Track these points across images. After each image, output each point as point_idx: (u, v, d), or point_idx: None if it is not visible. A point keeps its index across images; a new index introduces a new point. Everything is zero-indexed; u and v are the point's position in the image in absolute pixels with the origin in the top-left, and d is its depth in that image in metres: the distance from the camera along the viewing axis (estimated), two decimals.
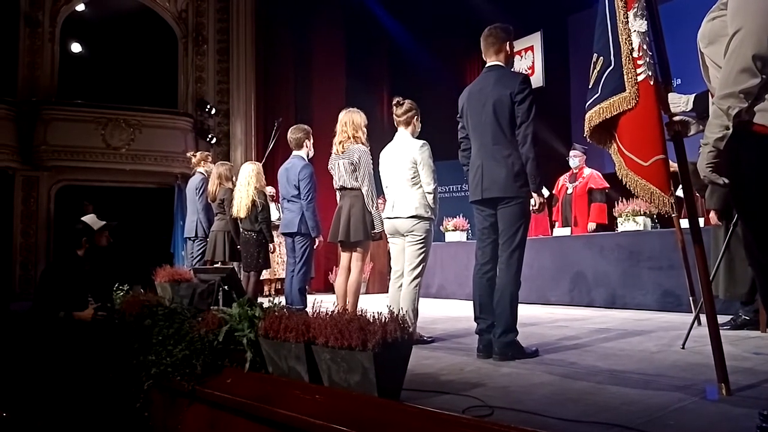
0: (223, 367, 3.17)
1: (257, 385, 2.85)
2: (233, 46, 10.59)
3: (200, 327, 3.31)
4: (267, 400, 2.65)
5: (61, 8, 9.70)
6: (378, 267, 8.83)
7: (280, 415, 2.50)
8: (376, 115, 9.21)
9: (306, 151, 5.00)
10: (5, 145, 8.94)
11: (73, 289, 3.78)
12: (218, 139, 10.24)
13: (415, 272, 3.84)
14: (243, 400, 2.76)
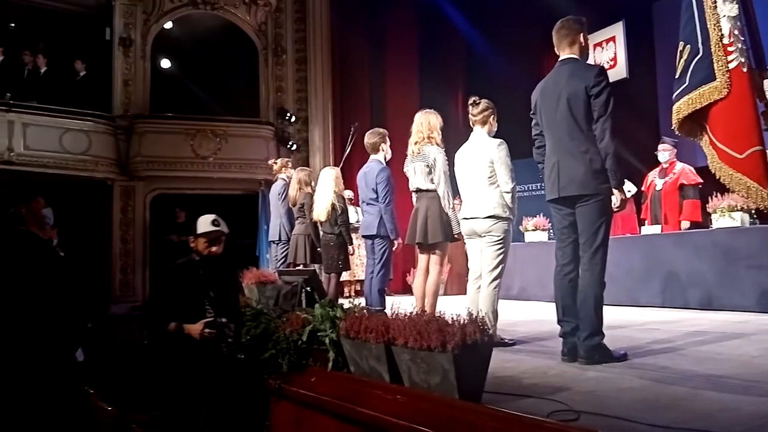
0: (306, 366, 3.27)
1: (340, 383, 2.92)
2: (310, 55, 10.88)
3: (285, 327, 3.44)
4: (350, 399, 2.71)
5: (151, 27, 10.34)
6: (456, 268, 8.77)
7: (363, 415, 2.55)
8: (451, 115, 9.15)
9: (383, 155, 5.05)
10: (105, 158, 9.63)
11: (189, 297, 3.34)
12: (298, 145, 10.54)
13: (494, 273, 3.79)
14: (327, 399, 2.84)
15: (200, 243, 3.46)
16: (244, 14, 10.68)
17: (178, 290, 3.29)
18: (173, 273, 3.35)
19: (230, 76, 11.11)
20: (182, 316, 3.24)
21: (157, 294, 3.36)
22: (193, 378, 3.22)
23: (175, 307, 3.26)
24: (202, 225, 3.52)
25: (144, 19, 10.25)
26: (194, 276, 3.37)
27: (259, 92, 10.76)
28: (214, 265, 3.47)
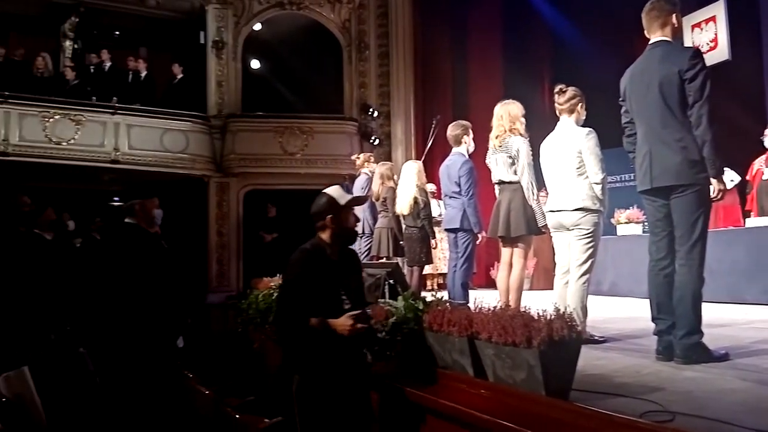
0: (391, 357, 3.31)
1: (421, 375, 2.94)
2: (393, 50, 10.94)
3: None
4: (432, 391, 2.72)
5: (242, 29, 10.80)
6: (542, 263, 8.54)
7: (446, 407, 2.56)
8: (536, 105, 8.88)
9: (465, 147, 5.01)
10: (201, 156, 10.20)
11: (325, 288, 2.79)
12: (380, 140, 10.65)
13: (583, 268, 3.66)
14: (411, 390, 2.86)
15: (345, 217, 2.90)
16: (328, 12, 10.91)
17: (313, 280, 2.76)
18: (307, 260, 2.79)
19: (315, 73, 11.39)
20: (320, 310, 2.72)
21: (291, 285, 2.77)
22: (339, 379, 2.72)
23: (312, 300, 2.73)
24: (341, 196, 2.90)
25: (235, 22, 10.72)
26: (328, 263, 2.83)
27: (343, 89, 10.96)
28: (344, 248, 2.96)
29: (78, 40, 10.62)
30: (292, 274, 2.79)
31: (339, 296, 2.84)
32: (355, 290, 2.95)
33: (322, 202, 2.89)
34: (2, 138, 8.68)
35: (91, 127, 9.31)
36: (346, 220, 2.89)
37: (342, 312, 2.73)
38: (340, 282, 2.86)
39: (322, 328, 2.68)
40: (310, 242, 2.94)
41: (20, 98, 8.91)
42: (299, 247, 2.89)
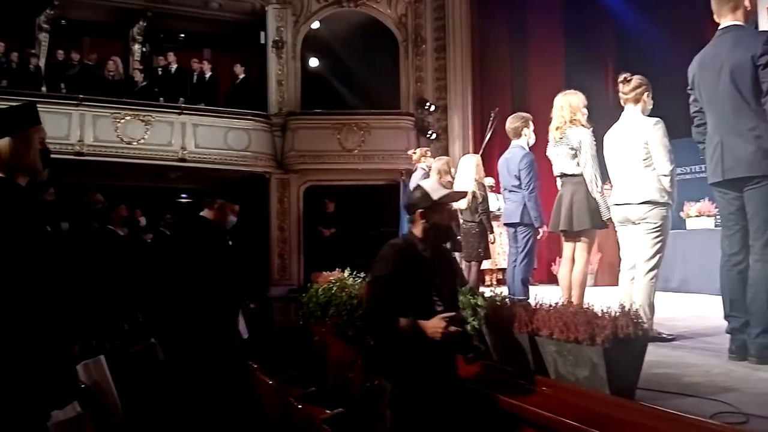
0: None
1: (482, 371, 2.92)
2: (449, 43, 10.86)
3: None
4: (492, 387, 2.71)
5: (300, 28, 10.99)
6: (607, 258, 8.27)
7: (506, 403, 2.54)
8: (600, 95, 8.60)
9: (525, 140, 4.91)
10: (263, 153, 10.47)
11: (416, 287, 2.58)
12: (437, 134, 10.61)
13: (651, 264, 3.54)
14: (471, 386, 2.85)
15: (438, 213, 2.66)
16: (384, 8, 10.94)
17: (404, 278, 2.55)
18: (398, 256, 2.60)
19: (372, 69, 11.45)
20: (410, 311, 2.50)
21: (381, 282, 2.57)
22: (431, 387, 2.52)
23: (402, 299, 2.53)
24: (435, 190, 2.67)
25: (294, 21, 10.92)
26: (420, 260, 2.62)
27: (400, 84, 10.98)
28: (437, 246, 2.73)
29: (146, 44, 11.11)
30: (382, 270, 2.59)
31: (430, 297, 2.60)
32: (448, 291, 2.70)
33: (415, 195, 2.72)
34: (78, 139, 9.19)
35: (159, 127, 9.73)
36: (438, 216, 2.65)
37: (433, 314, 2.49)
38: (432, 282, 2.64)
39: (412, 330, 2.45)
40: (402, 237, 2.83)
41: (93, 101, 9.40)
42: (389, 242, 2.73)
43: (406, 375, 2.51)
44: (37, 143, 2.29)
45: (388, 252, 2.65)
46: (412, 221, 2.71)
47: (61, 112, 8.98)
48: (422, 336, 2.44)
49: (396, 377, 2.54)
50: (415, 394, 2.47)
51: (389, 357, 2.57)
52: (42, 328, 2.15)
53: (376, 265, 2.64)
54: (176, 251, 3.97)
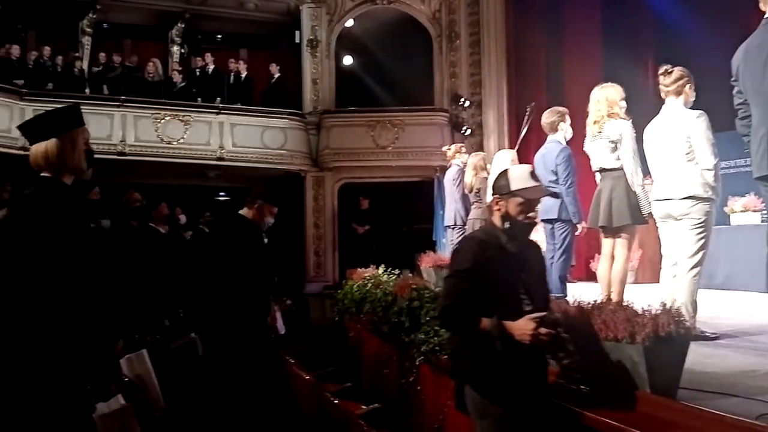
0: None
1: None
2: (484, 37, 10.75)
3: None
4: None
5: (335, 27, 11.05)
6: (648, 254, 8.07)
7: None
8: (639, 87, 8.38)
9: (562, 134, 4.84)
10: (299, 152, 10.58)
11: (501, 284, 2.33)
12: (472, 130, 10.53)
13: (693, 260, 3.44)
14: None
15: (512, 204, 2.36)
16: (418, 4, 10.90)
17: (487, 274, 2.30)
18: (480, 249, 2.34)
19: (406, 66, 11.44)
20: (495, 311, 2.24)
21: (460, 278, 2.32)
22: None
23: (485, 297, 2.28)
24: (516, 179, 2.40)
25: (328, 20, 10.99)
26: (505, 254, 2.35)
27: (434, 80, 10.93)
28: (524, 238, 2.45)
29: (184, 45, 11.35)
30: (461, 264, 2.33)
31: (518, 295, 2.32)
32: (537, 289, 2.42)
33: (497, 181, 2.46)
34: (120, 139, 9.46)
35: (198, 127, 9.93)
36: (512, 207, 2.36)
37: (521, 314, 2.23)
38: (519, 278, 2.36)
39: (496, 332, 2.18)
40: (482, 229, 2.57)
41: (134, 102, 9.66)
42: (469, 234, 2.64)
43: (490, 382, 2.27)
44: (82, 144, 2.37)
45: (467, 244, 2.41)
46: (490, 212, 2.50)
47: (104, 113, 9.25)
48: (508, 339, 2.17)
49: (480, 384, 2.30)
50: (502, 402, 2.25)
51: (471, 361, 2.31)
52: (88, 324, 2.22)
53: (454, 258, 2.45)
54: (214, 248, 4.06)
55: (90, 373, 2.24)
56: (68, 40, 10.63)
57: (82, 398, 2.17)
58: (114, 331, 2.49)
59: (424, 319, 3.91)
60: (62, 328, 2.13)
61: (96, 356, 2.30)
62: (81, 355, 2.19)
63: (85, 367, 2.21)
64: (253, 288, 3.83)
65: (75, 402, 2.16)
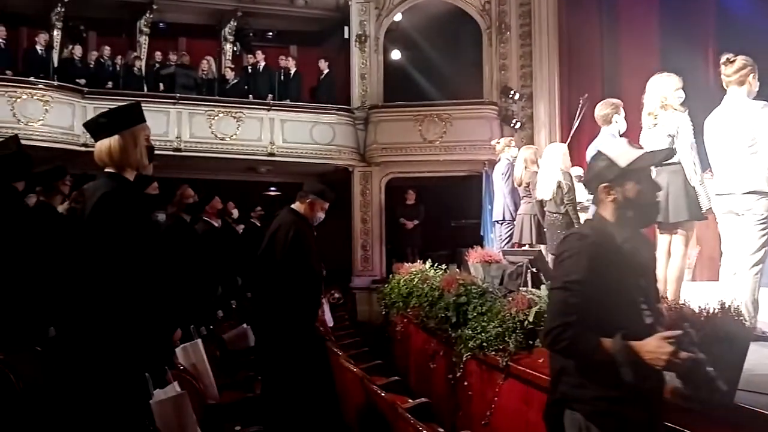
0: (534, 347, 3.25)
1: None
2: (535, 28, 10.53)
3: (511, 306, 3.46)
4: None
5: (383, 21, 11.06)
6: (707, 251, 7.76)
7: None
8: (698, 77, 8.04)
9: (616, 127, 4.70)
10: (347, 147, 10.67)
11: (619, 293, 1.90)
12: (522, 123, 10.35)
13: (756, 258, 3.30)
14: None
15: (629, 187, 1.96)
16: None
17: (603, 281, 1.87)
18: (592, 252, 1.90)
19: (454, 59, 11.34)
20: (616, 327, 1.82)
21: (571, 288, 1.88)
22: None
23: (602, 310, 1.86)
24: (622, 154, 1.99)
25: (377, 15, 11.00)
26: (620, 256, 1.92)
27: (483, 73, 10.79)
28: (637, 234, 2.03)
29: (236, 43, 11.60)
30: (572, 272, 1.90)
31: (638, 306, 1.91)
32: (654, 296, 2.04)
33: (596, 166, 2.04)
34: (176, 136, 9.76)
35: (249, 123, 10.14)
36: (632, 188, 1.94)
37: (643, 328, 1.84)
38: (638, 284, 1.94)
39: (624, 357, 1.76)
40: (589, 225, 2.15)
41: (189, 99, 9.96)
42: (573, 232, 2.19)
43: (611, 414, 1.87)
44: (143, 140, 2.47)
45: (576, 247, 1.95)
46: (597, 201, 2.04)
47: (160, 111, 9.55)
48: (638, 363, 1.76)
49: (597, 417, 1.88)
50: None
51: (585, 390, 1.90)
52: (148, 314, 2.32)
53: (561, 265, 1.99)
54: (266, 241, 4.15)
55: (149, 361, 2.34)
56: (127, 39, 11.05)
57: (141, 385, 2.26)
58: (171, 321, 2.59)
59: (471, 314, 3.89)
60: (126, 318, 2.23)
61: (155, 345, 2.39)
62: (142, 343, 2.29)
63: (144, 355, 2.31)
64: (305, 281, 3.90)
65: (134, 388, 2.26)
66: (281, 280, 3.85)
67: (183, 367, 3.46)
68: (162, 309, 2.40)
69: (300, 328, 3.91)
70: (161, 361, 2.50)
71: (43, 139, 8.61)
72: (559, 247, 2.05)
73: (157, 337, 2.41)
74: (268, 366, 4.03)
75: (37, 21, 10.27)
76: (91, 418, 2.24)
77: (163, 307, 2.41)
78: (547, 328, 1.94)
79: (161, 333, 2.47)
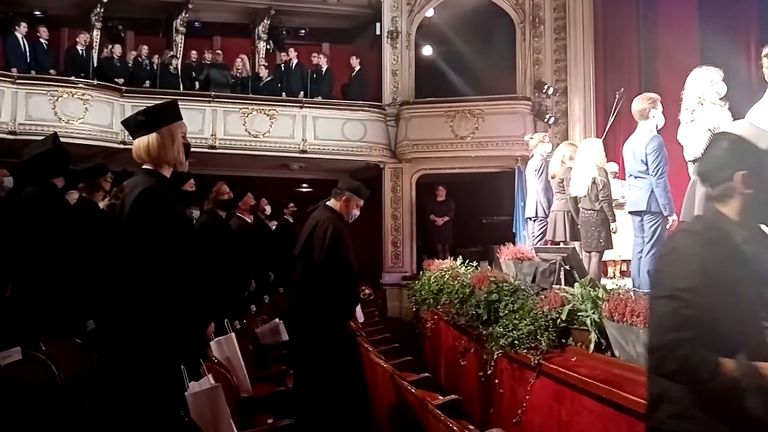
0: (566, 345, 3.21)
1: (603, 366, 2.81)
2: (570, 22, 10.36)
3: (543, 304, 3.42)
4: (614, 384, 2.59)
5: (415, 17, 11.03)
6: None
7: (632, 402, 2.42)
8: (739, 71, 7.80)
9: (653, 122, 4.59)
10: (378, 144, 10.68)
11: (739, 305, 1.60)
12: (555, 118, 10.21)
13: None
14: (590, 381, 2.75)
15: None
16: None
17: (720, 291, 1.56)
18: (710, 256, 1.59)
19: (486, 54, 11.24)
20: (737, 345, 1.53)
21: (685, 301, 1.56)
22: None
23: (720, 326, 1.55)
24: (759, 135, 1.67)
25: (408, 11, 10.98)
26: (741, 259, 1.61)
27: (516, 67, 10.67)
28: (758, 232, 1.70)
29: (270, 41, 11.72)
30: (683, 279, 1.58)
31: (760, 320, 1.59)
32: None
33: (721, 152, 1.68)
34: (211, 133, 9.93)
35: (282, 121, 10.24)
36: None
37: (766, 348, 1.55)
38: (761, 294, 1.61)
39: (752, 382, 1.46)
40: (702, 221, 1.74)
41: (224, 97, 10.12)
42: (682, 229, 1.91)
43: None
44: (180, 138, 2.53)
45: (688, 248, 1.64)
46: (719, 197, 1.67)
47: (196, 109, 9.72)
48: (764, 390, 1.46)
49: None
50: None
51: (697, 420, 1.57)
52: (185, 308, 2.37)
53: (668, 268, 1.67)
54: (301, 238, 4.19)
55: (184, 354, 2.39)
56: (163, 39, 11.28)
57: (177, 377, 2.31)
58: (206, 315, 2.64)
59: (502, 312, 3.86)
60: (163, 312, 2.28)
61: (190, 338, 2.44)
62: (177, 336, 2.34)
63: (180, 348, 2.36)
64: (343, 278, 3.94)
65: (170, 380, 2.31)
66: (320, 277, 3.88)
67: (217, 360, 3.52)
68: (197, 303, 2.45)
69: (336, 324, 3.95)
70: (196, 354, 2.55)
71: (83, 137, 8.85)
72: (665, 246, 1.78)
73: (192, 330, 2.46)
74: (301, 360, 4.07)
75: (77, 22, 10.57)
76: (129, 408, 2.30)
77: (198, 301, 2.46)
78: (653, 345, 1.61)
79: (196, 326, 2.52)
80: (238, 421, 2.71)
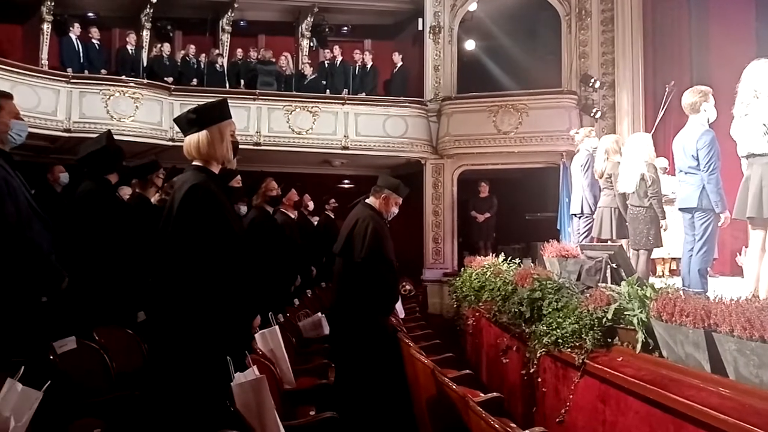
0: (612, 345, 3.15)
1: (650, 367, 2.74)
2: (618, 13, 10.09)
3: (588, 303, 3.36)
4: (663, 385, 2.52)
5: (458, 11, 10.94)
6: None
7: (679, 403, 2.35)
8: None
9: (705, 116, 4.44)
10: (419, 140, 10.66)
11: None
12: (603, 112, 9.97)
13: None
14: (636, 381, 2.69)
15: None
16: None
17: None
18: None
19: (530, 48, 11.05)
20: None
21: None
22: None
23: None
24: None
25: (451, 5, 10.91)
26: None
27: (561, 61, 10.47)
28: None
29: (313, 38, 11.84)
30: None
31: None
32: None
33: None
34: (256, 130, 10.12)
35: (324, 118, 10.35)
36: None
37: None
38: None
39: None
40: None
41: (268, 95, 10.29)
42: None
43: None
44: (229, 135, 2.60)
45: None
46: None
47: (241, 107, 9.92)
48: None
49: None
50: None
51: None
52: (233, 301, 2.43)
53: None
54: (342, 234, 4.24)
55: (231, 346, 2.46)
56: (210, 38, 11.55)
57: (223, 368, 2.38)
58: (252, 308, 2.70)
59: (546, 310, 3.81)
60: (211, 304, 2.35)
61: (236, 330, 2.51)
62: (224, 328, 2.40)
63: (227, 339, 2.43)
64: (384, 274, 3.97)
65: (217, 371, 2.38)
66: (361, 275, 3.93)
67: (261, 352, 3.59)
68: (244, 296, 2.51)
69: (377, 319, 3.98)
70: (242, 346, 2.62)
71: (133, 135, 9.16)
72: None
73: (238, 323, 2.53)
74: (343, 355, 4.13)
75: (127, 22, 10.93)
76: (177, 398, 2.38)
77: (245, 294, 2.52)
78: None
79: (243, 319, 2.59)
80: (281, 412, 2.76)
